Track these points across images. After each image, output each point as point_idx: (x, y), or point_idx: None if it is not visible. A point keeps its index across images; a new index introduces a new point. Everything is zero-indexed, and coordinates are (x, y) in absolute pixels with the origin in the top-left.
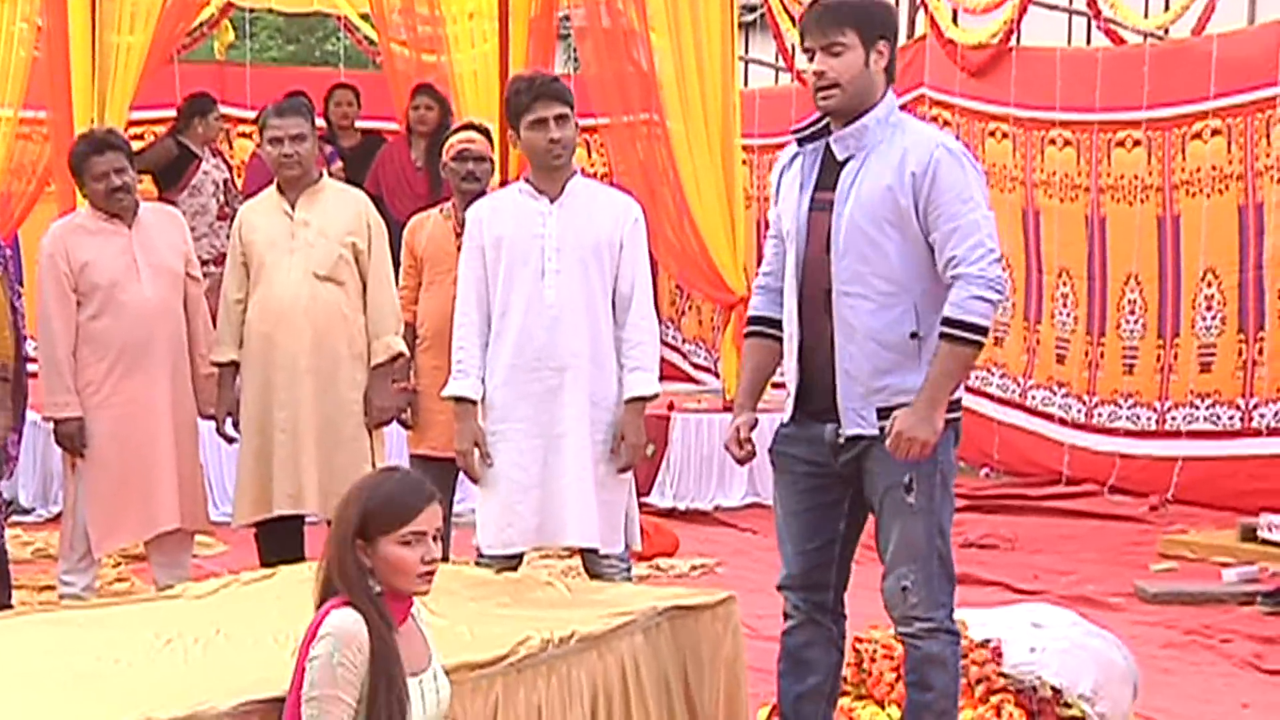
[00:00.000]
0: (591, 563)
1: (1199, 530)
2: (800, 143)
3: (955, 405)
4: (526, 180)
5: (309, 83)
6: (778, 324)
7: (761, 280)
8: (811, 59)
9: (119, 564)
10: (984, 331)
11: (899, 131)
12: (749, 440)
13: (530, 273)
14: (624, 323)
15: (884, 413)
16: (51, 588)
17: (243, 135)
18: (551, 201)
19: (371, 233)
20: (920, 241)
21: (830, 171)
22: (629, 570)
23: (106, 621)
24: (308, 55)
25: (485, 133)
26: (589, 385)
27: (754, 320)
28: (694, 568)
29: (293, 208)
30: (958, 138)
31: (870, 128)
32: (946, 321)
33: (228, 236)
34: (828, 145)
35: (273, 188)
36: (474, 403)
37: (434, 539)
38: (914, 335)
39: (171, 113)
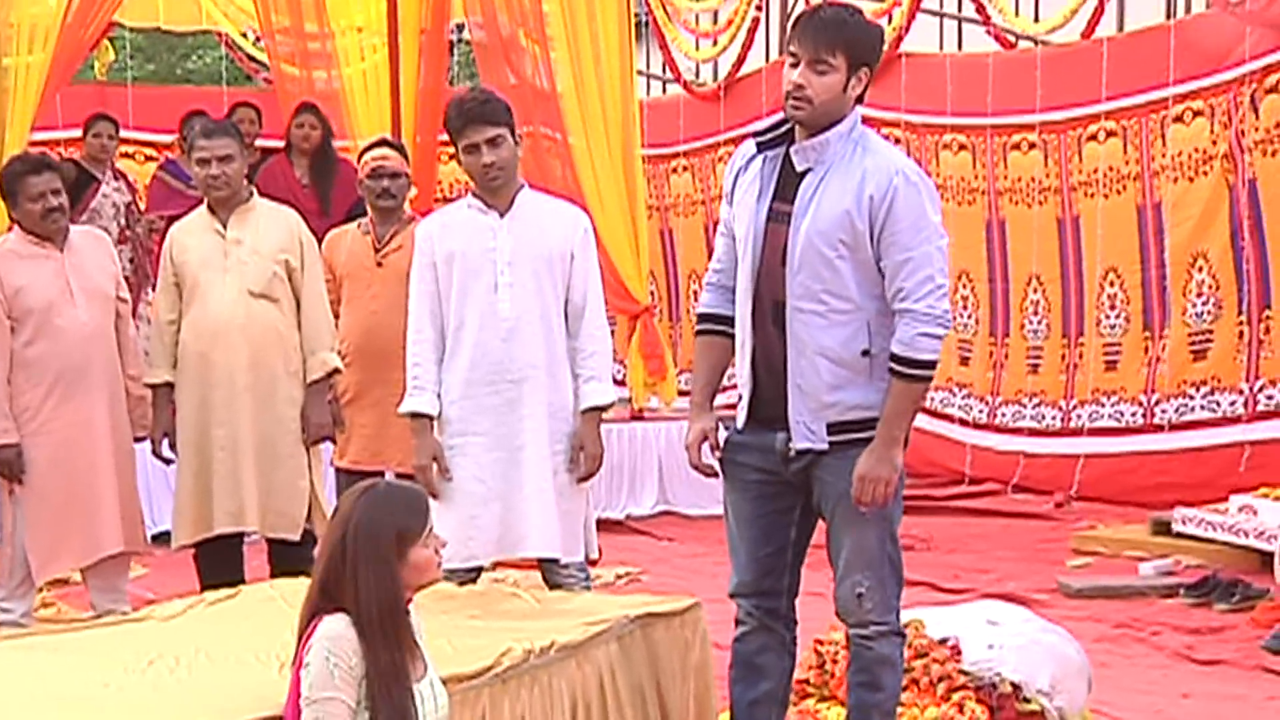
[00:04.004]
0: (551, 573)
1: (1106, 526)
2: (759, 147)
3: None
4: (475, 195)
5: (192, 101)
6: (728, 320)
7: (712, 277)
8: (795, 66)
9: (42, 589)
10: (933, 366)
11: (860, 149)
12: (717, 447)
13: (483, 286)
14: (577, 333)
15: (834, 428)
16: None
17: (125, 155)
18: (501, 215)
19: (304, 250)
20: (872, 263)
21: (789, 181)
22: (588, 579)
23: (80, 646)
24: (168, 73)
25: (399, 149)
26: (546, 396)
27: (705, 318)
28: (619, 576)
29: (224, 227)
30: None
31: (832, 143)
32: (895, 359)
33: (130, 260)
34: (787, 153)
35: (203, 207)
36: (431, 418)
37: None
38: (866, 353)
39: (54, 135)
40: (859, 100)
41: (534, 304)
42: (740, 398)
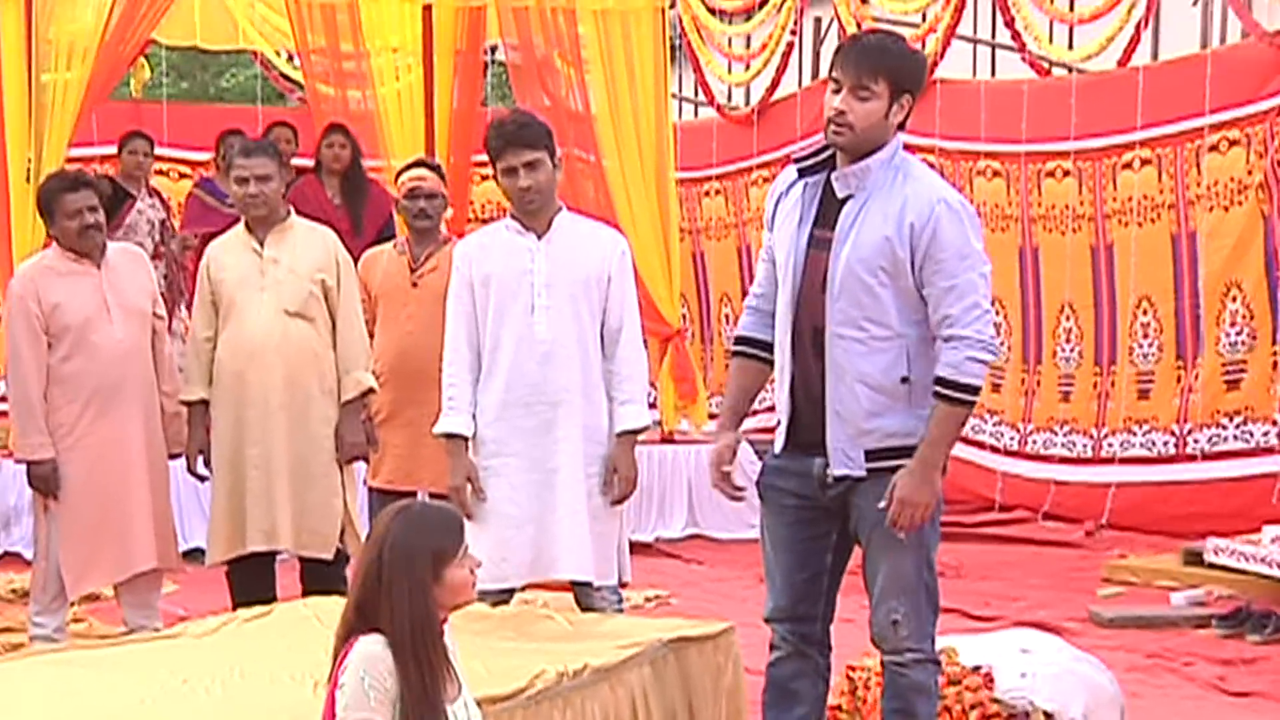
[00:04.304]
0: (584, 595)
1: (1137, 555)
2: (800, 173)
3: None
4: (513, 217)
5: (226, 120)
6: (764, 345)
7: (752, 301)
8: (837, 92)
9: (74, 604)
10: (977, 391)
11: (901, 176)
12: (728, 473)
13: (520, 308)
14: (613, 355)
15: (872, 454)
16: (9, 630)
17: (159, 173)
18: (539, 238)
19: (340, 269)
20: (913, 291)
21: (830, 208)
22: (620, 602)
23: (116, 662)
24: (202, 91)
25: (436, 169)
26: (581, 419)
27: (741, 340)
28: (648, 599)
29: (262, 246)
30: None
31: (873, 169)
32: (941, 382)
33: (164, 276)
34: (828, 179)
35: (241, 226)
36: (466, 439)
37: None
38: (905, 380)
39: (90, 151)
40: (900, 127)
41: (570, 327)
42: (779, 423)
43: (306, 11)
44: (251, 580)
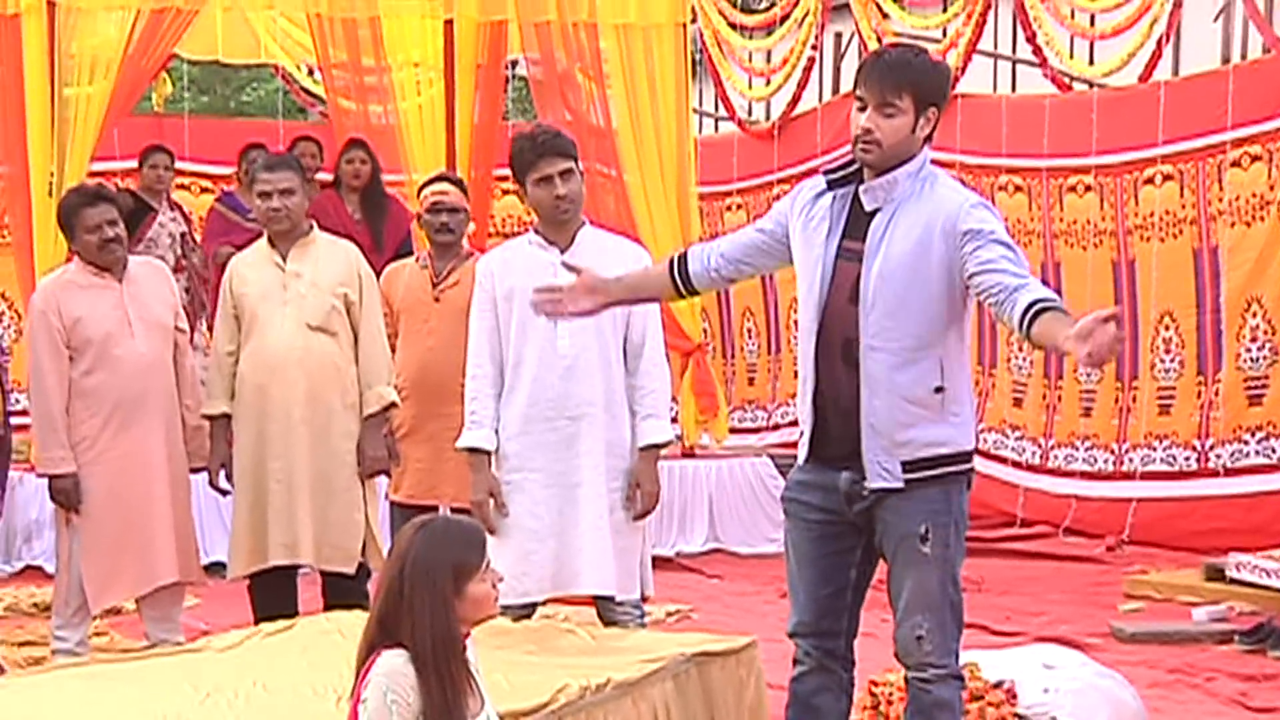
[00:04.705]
0: (606, 610)
1: (1158, 570)
2: (829, 185)
3: (967, 457)
4: (536, 231)
5: (247, 134)
6: (687, 277)
7: (717, 246)
8: (862, 110)
9: (96, 618)
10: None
11: (928, 186)
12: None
13: (543, 323)
14: (635, 370)
15: (909, 466)
16: (31, 643)
17: (180, 187)
18: (562, 252)
19: (363, 283)
20: (943, 299)
21: (859, 220)
22: (643, 617)
23: (140, 676)
24: (223, 105)
25: (459, 184)
26: (604, 434)
27: (680, 257)
28: (669, 614)
29: (284, 260)
30: None
31: (900, 181)
32: (1044, 300)
33: (185, 289)
34: (856, 192)
35: (263, 240)
36: (488, 453)
37: None
38: (939, 390)
39: (111, 165)
40: (928, 139)
41: (593, 341)
42: (801, 434)
43: (328, 26)
44: (273, 594)
